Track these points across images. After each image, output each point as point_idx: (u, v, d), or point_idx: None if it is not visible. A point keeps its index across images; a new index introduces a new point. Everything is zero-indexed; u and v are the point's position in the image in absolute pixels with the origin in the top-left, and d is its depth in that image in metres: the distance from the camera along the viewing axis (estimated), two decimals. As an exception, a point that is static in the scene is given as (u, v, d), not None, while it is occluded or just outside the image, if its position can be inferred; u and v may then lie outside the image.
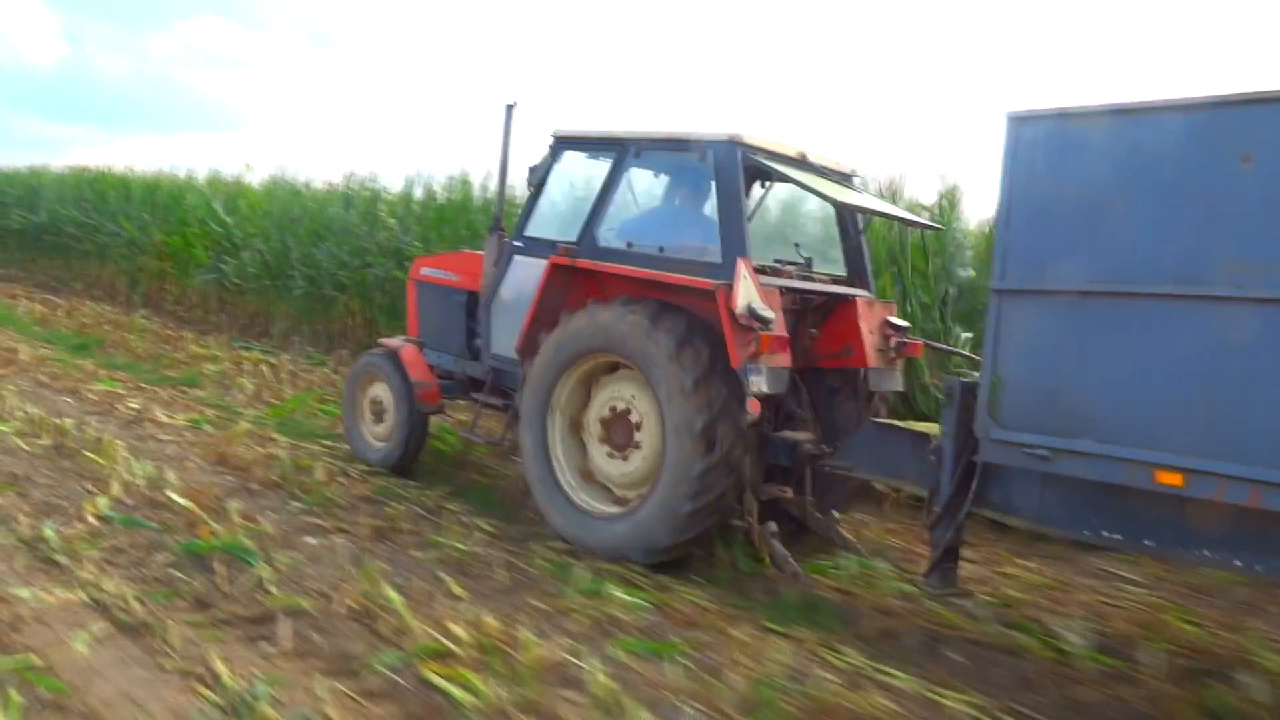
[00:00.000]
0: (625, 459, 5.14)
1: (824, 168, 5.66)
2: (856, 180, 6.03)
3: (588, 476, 5.33)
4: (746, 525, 5.15)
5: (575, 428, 5.38)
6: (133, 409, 7.80)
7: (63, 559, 4.31)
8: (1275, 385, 3.38)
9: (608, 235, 5.43)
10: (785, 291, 5.11)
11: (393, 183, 12.81)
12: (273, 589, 4.15)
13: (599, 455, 5.25)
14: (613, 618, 4.23)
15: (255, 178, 15.07)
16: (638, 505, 4.94)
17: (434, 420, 6.65)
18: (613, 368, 5.22)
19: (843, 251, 5.95)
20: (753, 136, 5.18)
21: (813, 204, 6.18)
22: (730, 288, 4.67)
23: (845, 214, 5.77)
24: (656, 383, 4.80)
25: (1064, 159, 3.94)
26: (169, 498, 5.25)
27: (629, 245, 5.31)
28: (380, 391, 6.53)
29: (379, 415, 6.57)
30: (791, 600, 4.79)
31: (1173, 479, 3.58)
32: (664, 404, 4.78)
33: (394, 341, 6.70)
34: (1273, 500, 3.36)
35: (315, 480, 6.04)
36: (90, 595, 3.93)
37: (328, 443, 7.17)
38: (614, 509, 5.15)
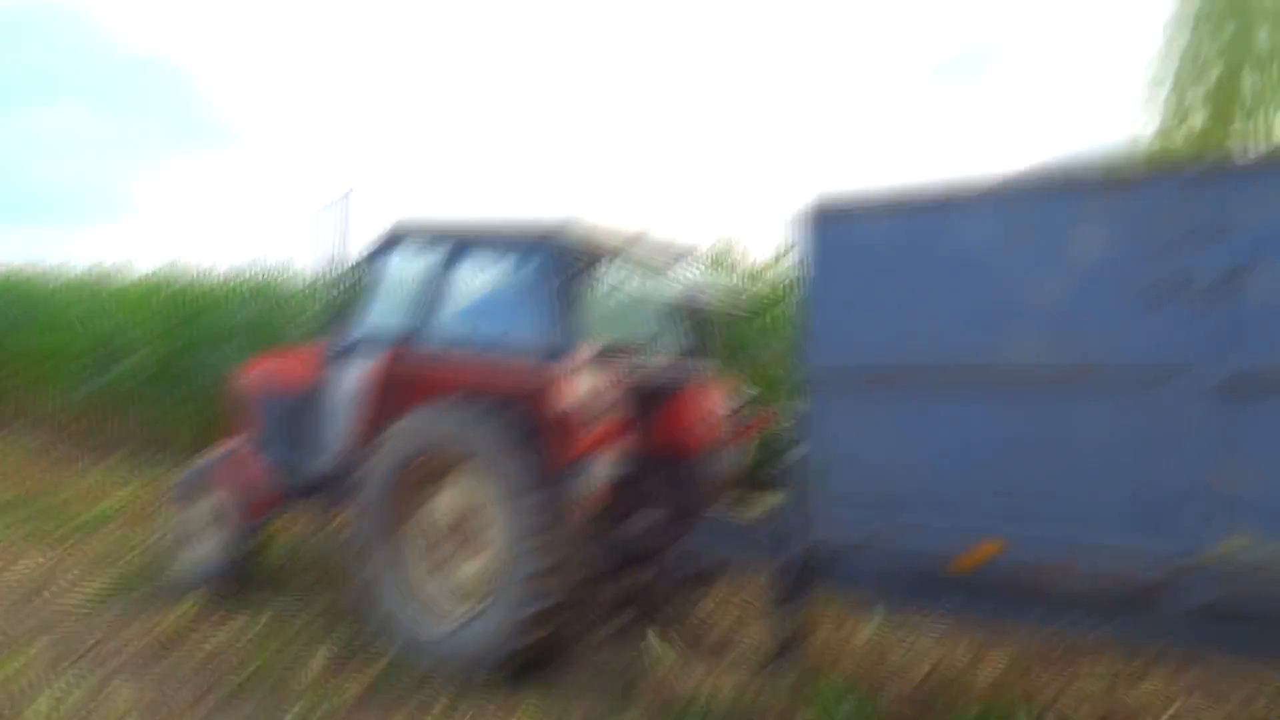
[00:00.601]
0: (464, 563, 4.93)
1: (660, 248, 5.66)
2: (693, 260, 6.08)
3: (427, 582, 5.05)
4: (605, 622, 5.01)
5: (413, 531, 5.11)
6: (27, 576, 6.19)
7: None
8: (1072, 451, 3.60)
9: (441, 330, 5.31)
10: (625, 375, 5.11)
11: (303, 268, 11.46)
12: None
13: (438, 560, 5.02)
14: None
15: (139, 269, 13.31)
16: (478, 612, 4.76)
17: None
18: (450, 468, 5.01)
19: (686, 329, 5.96)
20: (584, 222, 5.08)
21: (657, 282, 6.14)
22: (563, 379, 4.63)
23: (685, 293, 5.82)
24: (492, 483, 4.71)
25: (866, 242, 4.08)
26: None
27: (462, 340, 5.23)
28: (208, 504, 6.12)
29: (207, 530, 6.10)
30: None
31: (992, 547, 3.72)
32: (500, 505, 4.67)
33: (222, 449, 6.35)
34: (1088, 562, 3.55)
35: (303, 665, 4.69)
36: None
37: (292, 595, 5.85)
38: (454, 615, 4.90)
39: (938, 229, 3.95)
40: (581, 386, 4.68)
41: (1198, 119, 4.59)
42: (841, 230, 4.16)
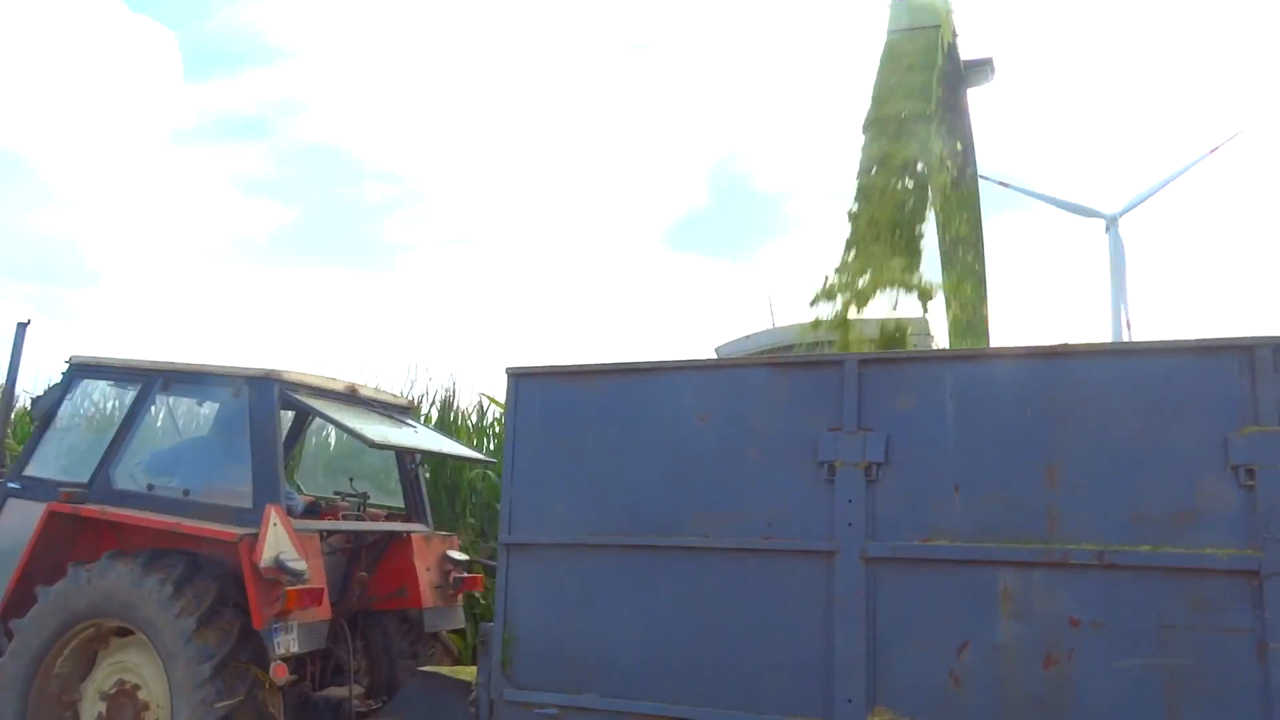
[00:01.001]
0: None
1: (376, 401, 5.51)
2: (412, 414, 5.91)
3: None
4: None
5: (69, 707, 4.61)
6: None
7: None
8: (746, 631, 3.73)
9: (127, 476, 4.88)
10: (329, 534, 4.95)
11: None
12: None
13: None
14: None
15: None
16: None
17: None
18: (123, 632, 4.57)
19: (401, 485, 5.77)
20: (293, 372, 4.93)
21: (374, 433, 5.82)
22: (256, 538, 4.31)
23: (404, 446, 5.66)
24: (165, 651, 4.25)
25: (560, 415, 4.19)
26: None
27: (150, 488, 4.82)
28: None
29: None
30: None
31: None
32: (172, 676, 4.22)
33: None
34: None
35: None
36: None
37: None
38: None
39: (625, 399, 4.08)
40: (273, 547, 4.28)
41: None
42: (536, 399, 4.22)
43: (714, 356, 7.20)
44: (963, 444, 3.60)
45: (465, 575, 5.52)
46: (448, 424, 8.44)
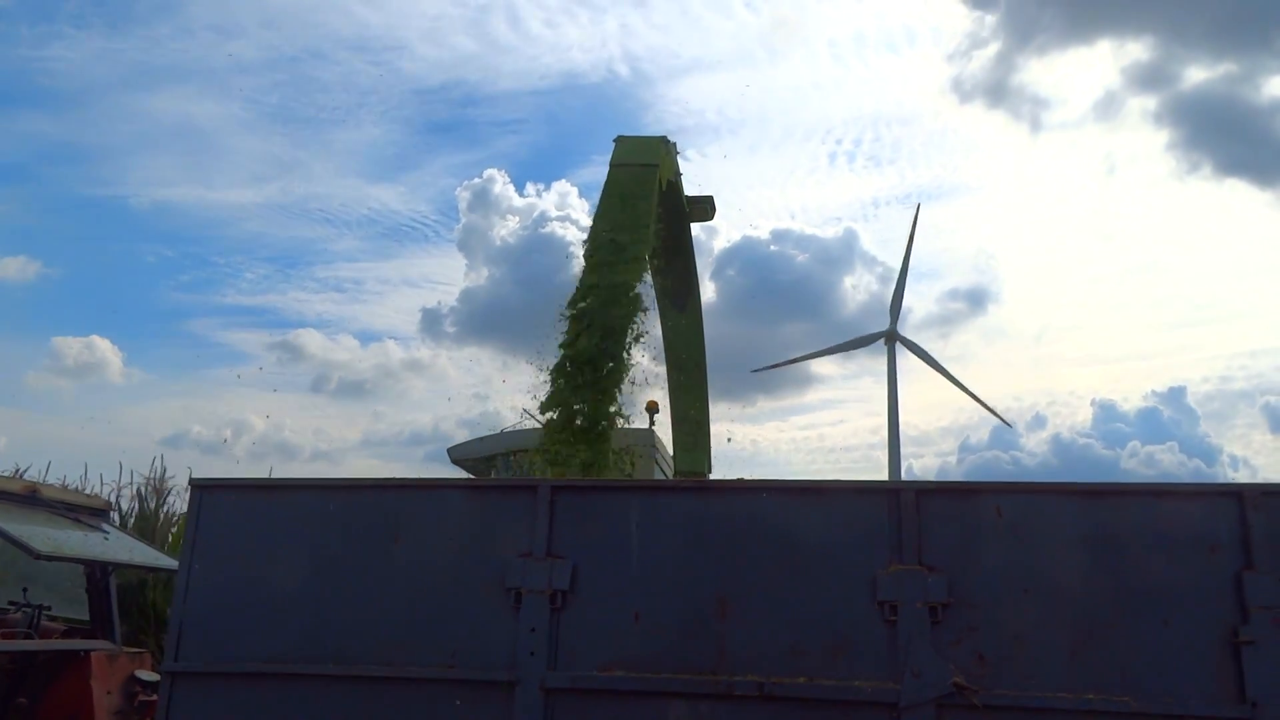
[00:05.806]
0: None
1: (61, 503, 5.13)
2: (101, 515, 5.47)
3: None
4: None
5: None
6: None
7: None
8: None
9: None
10: None
11: None
12: None
13: None
14: None
15: None
16: None
17: None
18: None
19: (87, 596, 5.24)
20: None
21: (49, 539, 5.33)
22: None
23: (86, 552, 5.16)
24: None
25: (246, 531, 3.95)
26: None
27: None
28: None
29: None
30: None
31: None
32: None
33: None
34: None
35: None
36: None
37: None
38: None
39: (313, 522, 3.88)
40: None
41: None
42: (220, 513, 3.96)
43: (448, 458, 7.09)
44: (645, 573, 3.66)
45: (154, 698, 4.94)
46: (142, 526, 7.69)
